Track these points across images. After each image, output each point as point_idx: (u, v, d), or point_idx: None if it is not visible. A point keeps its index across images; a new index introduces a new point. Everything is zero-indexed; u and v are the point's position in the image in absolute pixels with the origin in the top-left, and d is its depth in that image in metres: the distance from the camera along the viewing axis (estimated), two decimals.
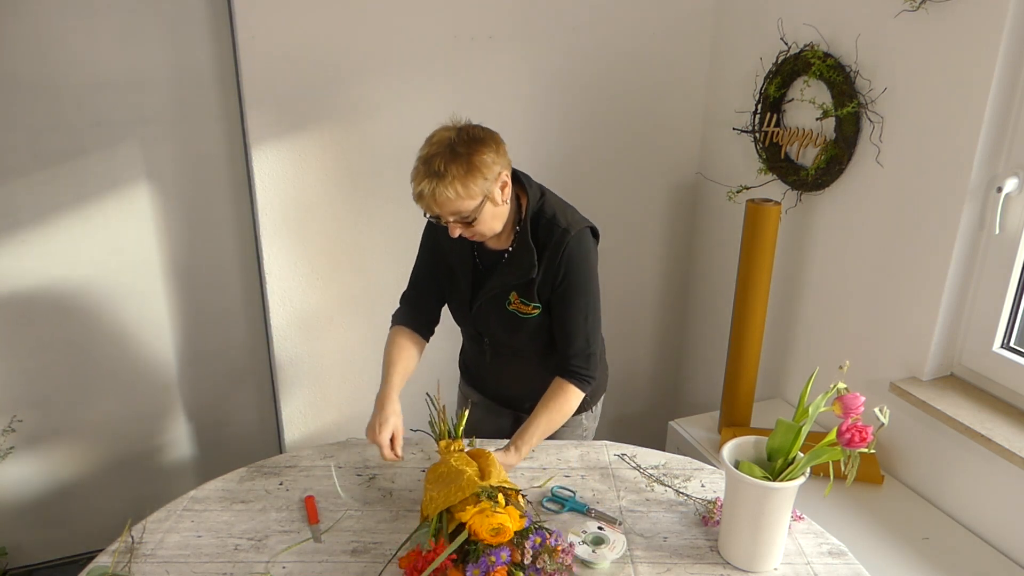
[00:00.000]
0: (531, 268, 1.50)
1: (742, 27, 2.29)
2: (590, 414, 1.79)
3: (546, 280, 1.52)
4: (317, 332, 2.34)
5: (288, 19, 1.98)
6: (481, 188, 1.39)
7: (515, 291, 1.55)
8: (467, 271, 1.61)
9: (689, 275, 2.76)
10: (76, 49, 1.96)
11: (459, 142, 1.38)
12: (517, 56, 2.24)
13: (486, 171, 1.38)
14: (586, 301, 1.54)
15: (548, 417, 1.56)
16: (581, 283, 1.52)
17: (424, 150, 1.41)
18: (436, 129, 1.43)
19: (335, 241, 2.25)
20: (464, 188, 1.37)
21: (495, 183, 1.41)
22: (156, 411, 2.37)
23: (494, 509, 1.24)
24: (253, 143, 2.07)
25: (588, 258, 1.53)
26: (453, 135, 1.39)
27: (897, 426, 1.88)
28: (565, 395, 1.57)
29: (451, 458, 1.40)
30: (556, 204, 1.55)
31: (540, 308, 1.55)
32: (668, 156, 2.55)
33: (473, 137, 1.39)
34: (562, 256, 1.49)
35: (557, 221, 1.51)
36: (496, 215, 1.46)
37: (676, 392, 2.95)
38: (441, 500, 1.30)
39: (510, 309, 1.57)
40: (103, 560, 1.32)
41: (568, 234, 1.49)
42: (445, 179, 1.35)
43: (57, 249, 2.11)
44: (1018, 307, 1.69)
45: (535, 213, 1.52)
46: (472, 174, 1.37)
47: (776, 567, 1.31)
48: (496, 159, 1.40)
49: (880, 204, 1.88)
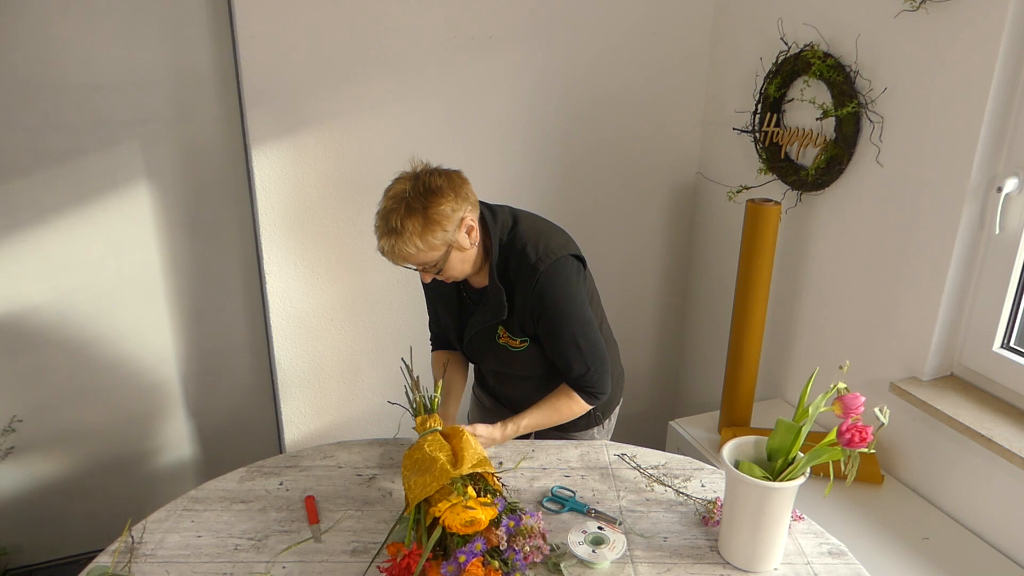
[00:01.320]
0: (501, 309, 1.48)
1: (742, 27, 2.29)
2: (602, 429, 1.78)
3: (524, 317, 1.49)
4: (317, 332, 2.34)
5: (288, 19, 1.98)
6: (442, 239, 1.36)
7: (501, 326, 1.54)
8: (453, 307, 1.60)
9: (689, 275, 2.76)
10: (76, 49, 1.96)
11: (414, 196, 1.34)
12: (517, 56, 2.24)
13: (445, 223, 1.34)
14: (574, 329, 1.49)
15: (545, 413, 1.56)
16: (562, 314, 1.48)
17: (381, 204, 1.38)
18: (394, 179, 1.39)
19: (335, 241, 2.25)
20: (423, 242, 1.34)
21: (458, 231, 1.38)
22: (156, 411, 2.37)
23: (465, 504, 1.26)
24: (253, 143, 2.07)
25: (564, 288, 1.47)
26: (408, 187, 1.35)
27: (897, 426, 1.88)
28: (569, 401, 1.57)
29: (425, 443, 1.40)
30: (529, 233, 1.49)
31: (528, 341, 1.54)
32: (668, 156, 2.55)
33: (428, 189, 1.34)
34: (534, 293, 1.45)
35: (527, 256, 1.45)
36: (464, 259, 1.44)
37: (676, 392, 2.95)
38: (418, 490, 1.31)
39: (500, 343, 1.56)
40: (103, 560, 1.32)
41: (537, 271, 1.44)
42: (403, 236, 1.33)
43: (57, 249, 2.11)
44: (1018, 307, 1.69)
45: (505, 247, 1.48)
46: (430, 228, 1.33)
47: (776, 567, 1.31)
48: (456, 206, 1.36)
49: (880, 204, 1.88)
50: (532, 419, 1.57)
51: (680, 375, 2.91)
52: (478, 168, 2.29)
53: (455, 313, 1.61)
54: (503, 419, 1.58)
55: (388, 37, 2.09)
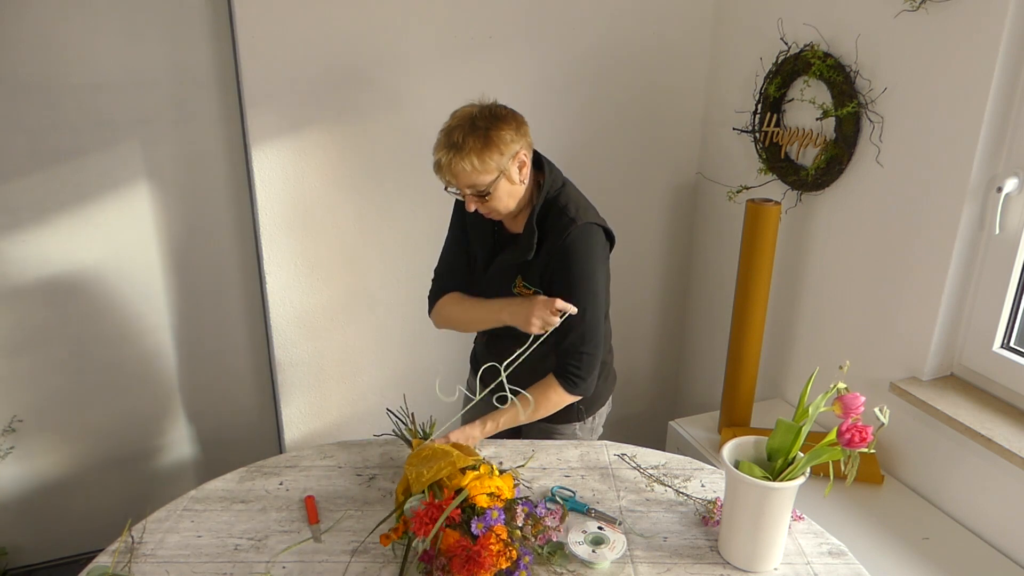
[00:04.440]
0: (528, 250, 1.52)
1: (742, 27, 2.29)
2: (584, 425, 1.75)
3: (547, 266, 1.52)
4: (317, 332, 2.34)
5: (288, 19, 1.98)
6: (497, 163, 1.42)
7: (520, 275, 1.57)
8: (486, 249, 1.64)
9: (689, 275, 2.76)
10: (76, 49, 1.96)
11: (480, 117, 1.42)
12: (517, 56, 2.24)
13: (503, 147, 1.41)
14: (585, 295, 1.51)
15: (525, 403, 1.57)
16: (580, 275, 1.51)
17: (447, 123, 1.45)
18: (462, 105, 1.47)
19: (335, 241, 2.25)
20: (480, 161, 1.40)
21: (512, 160, 1.44)
22: (156, 411, 2.38)
23: (491, 475, 1.32)
24: (253, 143, 2.07)
25: (591, 252, 1.52)
26: (476, 111, 1.44)
27: (897, 426, 1.88)
28: (546, 390, 1.56)
29: (431, 445, 1.45)
30: (574, 197, 1.56)
31: (541, 293, 1.56)
32: (668, 156, 2.55)
33: (495, 114, 1.43)
34: (563, 244, 1.49)
35: (567, 210, 1.51)
36: (511, 193, 1.48)
37: (676, 392, 2.95)
38: (430, 475, 1.34)
39: (515, 292, 1.59)
40: (103, 560, 1.32)
41: (573, 223, 1.49)
42: (463, 151, 1.39)
43: (57, 249, 2.11)
44: (1018, 307, 1.69)
45: (549, 199, 1.53)
46: (489, 148, 1.40)
47: (776, 567, 1.31)
48: (515, 137, 1.43)
49: (880, 204, 1.88)
50: (508, 413, 1.57)
51: (680, 375, 2.91)
52: None
53: (487, 253, 1.64)
54: (490, 413, 1.58)
55: (388, 37, 2.09)
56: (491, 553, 1.18)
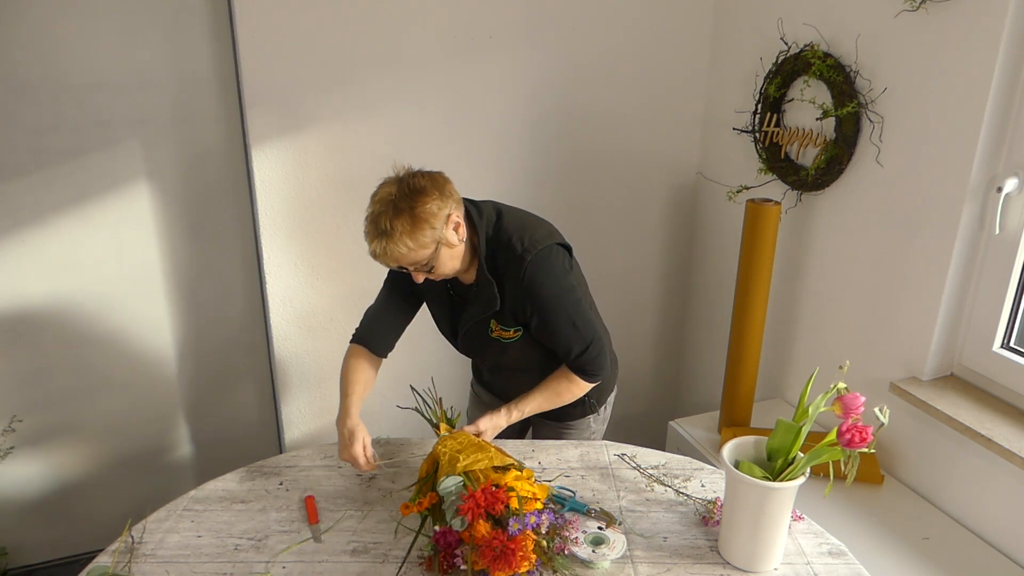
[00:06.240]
0: (492, 300, 1.51)
1: (742, 27, 2.29)
2: (597, 417, 1.79)
3: (516, 307, 1.52)
4: (317, 332, 2.34)
5: (288, 19, 1.98)
6: (431, 237, 1.40)
7: (493, 319, 1.56)
8: (444, 305, 1.64)
9: (689, 275, 2.76)
10: (76, 49, 1.96)
11: (400, 197, 1.39)
12: (516, 56, 2.24)
13: (432, 220, 1.39)
14: (567, 313, 1.52)
15: (547, 396, 1.60)
16: (552, 300, 1.50)
17: (369, 209, 1.42)
18: (379, 185, 1.44)
19: (335, 241, 2.25)
20: (414, 241, 1.38)
21: (446, 227, 1.42)
22: (156, 411, 2.37)
23: (530, 481, 1.36)
24: (253, 143, 2.07)
25: (551, 275, 1.50)
26: (394, 190, 1.40)
27: (897, 426, 1.88)
28: (569, 381, 1.60)
29: (468, 436, 1.49)
30: (513, 225, 1.52)
31: (521, 330, 1.57)
32: (668, 156, 2.55)
33: (413, 188, 1.39)
34: (524, 283, 1.48)
35: (513, 248, 1.49)
36: (454, 256, 1.47)
37: (676, 392, 2.95)
38: (466, 463, 1.37)
39: (493, 336, 1.59)
40: (103, 560, 1.32)
41: (524, 260, 1.47)
42: (393, 236, 1.37)
43: (57, 249, 2.11)
44: (1018, 307, 1.69)
45: (491, 240, 1.51)
46: (419, 226, 1.38)
47: (776, 567, 1.31)
48: (441, 204, 1.40)
49: (880, 204, 1.88)
50: (534, 402, 1.60)
51: (680, 375, 2.91)
52: (478, 168, 2.30)
53: (447, 311, 1.65)
54: (514, 401, 1.62)
55: (388, 38, 2.09)
56: (524, 555, 1.20)
